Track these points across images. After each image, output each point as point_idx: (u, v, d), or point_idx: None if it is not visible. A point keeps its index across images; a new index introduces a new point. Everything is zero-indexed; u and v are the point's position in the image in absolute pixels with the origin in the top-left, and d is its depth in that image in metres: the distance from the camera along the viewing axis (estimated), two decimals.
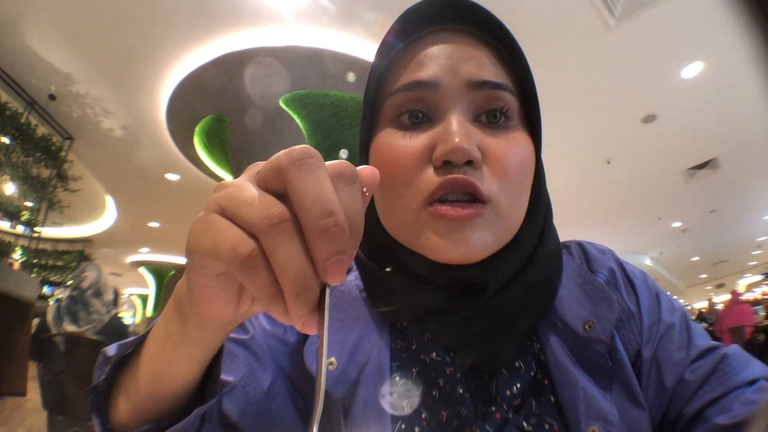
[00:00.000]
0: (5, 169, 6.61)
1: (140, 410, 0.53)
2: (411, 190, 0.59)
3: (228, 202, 0.34)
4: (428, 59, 0.60)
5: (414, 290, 0.63)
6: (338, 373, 0.65)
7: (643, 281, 0.70)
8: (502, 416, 0.60)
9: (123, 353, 0.55)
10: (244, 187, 0.35)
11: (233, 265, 0.32)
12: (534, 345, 0.65)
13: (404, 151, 0.59)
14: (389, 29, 0.64)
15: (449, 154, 0.55)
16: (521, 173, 0.59)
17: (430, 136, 0.59)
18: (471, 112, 0.59)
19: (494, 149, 0.58)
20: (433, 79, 0.59)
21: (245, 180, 0.36)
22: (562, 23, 4.81)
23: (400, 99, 0.61)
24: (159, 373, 0.51)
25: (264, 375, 0.68)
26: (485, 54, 0.61)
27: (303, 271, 0.32)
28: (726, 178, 8.45)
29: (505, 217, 0.58)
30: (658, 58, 5.32)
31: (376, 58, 0.66)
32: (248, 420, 0.64)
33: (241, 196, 0.34)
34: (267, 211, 0.32)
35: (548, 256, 0.65)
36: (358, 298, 0.72)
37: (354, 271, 0.76)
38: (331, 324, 0.70)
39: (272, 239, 0.32)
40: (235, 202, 0.34)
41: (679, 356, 0.62)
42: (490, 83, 0.59)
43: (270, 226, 0.32)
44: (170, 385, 0.52)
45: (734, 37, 0.39)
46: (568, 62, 5.38)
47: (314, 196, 0.32)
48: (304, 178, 0.32)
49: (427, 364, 0.66)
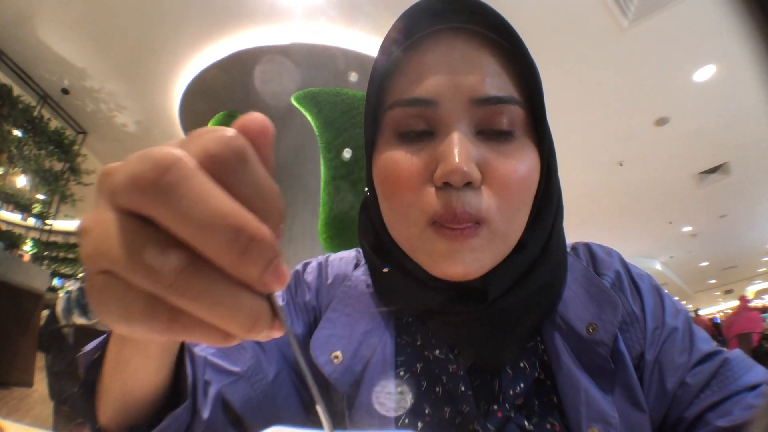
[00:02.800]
0: (17, 161, 6.67)
1: (121, 412, 0.52)
2: (414, 209, 0.58)
3: (107, 263, 0.24)
4: (429, 71, 0.58)
5: (414, 290, 0.64)
6: (343, 367, 0.66)
7: (649, 284, 0.70)
8: (504, 415, 0.61)
9: (90, 359, 0.53)
10: (108, 235, 0.24)
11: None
12: (538, 346, 0.65)
13: (407, 169, 0.59)
14: (391, 28, 0.62)
15: (448, 176, 0.54)
16: (522, 190, 0.58)
17: (430, 154, 0.58)
18: (473, 127, 0.58)
19: (495, 168, 0.56)
20: (434, 97, 0.57)
21: (103, 215, 0.25)
22: (575, 24, 4.79)
23: (400, 114, 0.60)
24: (126, 379, 0.49)
25: (270, 366, 0.69)
26: (489, 60, 0.58)
27: (243, 310, 0.25)
28: (737, 183, 8.39)
29: (502, 235, 0.58)
30: (671, 61, 5.29)
31: (377, 58, 0.64)
32: (252, 410, 0.65)
33: (115, 255, 0.24)
34: (161, 268, 0.23)
35: (554, 261, 0.65)
36: (365, 293, 0.73)
37: (362, 265, 0.77)
38: (338, 318, 0.71)
39: (185, 295, 0.24)
40: (113, 264, 0.24)
41: (681, 360, 0.62)
42: (492, 99, 0.56)
43: (170, 286, 0.24)
44: (139, 391, 0.51)
45: (747, 40, 0.38)
46: (581, 63, 5.36)
47: (204, 221, 0.23)
48: (177, 203, 0.23)
49: (431, 361, 0.67)
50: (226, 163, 0.25)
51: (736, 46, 4.52)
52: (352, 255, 0.83)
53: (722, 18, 4.40)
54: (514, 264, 0.61)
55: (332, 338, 0.69)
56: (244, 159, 0.25)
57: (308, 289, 0.79)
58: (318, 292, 0.79)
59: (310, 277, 0.80)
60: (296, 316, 0.77)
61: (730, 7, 0.32)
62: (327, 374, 0.66)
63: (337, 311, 0.72)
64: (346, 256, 0.83)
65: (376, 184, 0.64)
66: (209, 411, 0.60)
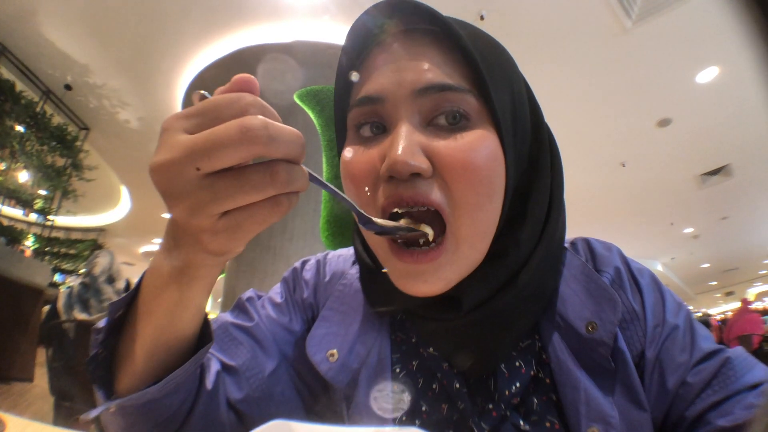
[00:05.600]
0: (19, 157, 6.67)
1: (141, 375, 0.54)
2: (370, 207, 0.58)
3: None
4: (375, 71, 0.60)
5: (394, 291, 0.62)
6: (339, 364, 0.67)
7: (649, 280, 0.69)
8: (499, 414, 0.61)
9: (114, 316, 0.55)
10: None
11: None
12: (535, 344, 0.65)
13: (359, 167, 0.59)
14: (343, 45, 0.63)
15: (390, 168, 0.53)
16: (480, 179, 0.55)
17: (381, 149, 0.58)
18: (422, 118, 0.57)
19: (444, 154, 0.55)
20: (379, 93, 0.58)
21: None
22: (579, 25, 4.79)
23: (356, 114, 0.61)
24: (164, 327, 0.52)
25: (266, 361, 0.70)
26: (433, 54, 0.58)
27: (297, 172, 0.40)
28: (738, 185, 8.38)
29: (468, 240, 0.57)
30: (674, 62, 5.29)
31: (337, 71, 0.65)
32: (248, 404, 0.66)
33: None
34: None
35: (544, 266, 0.63)
36: (360, 291, 0.73)
37: (357, 265, 0.77)
38: (334, 316, 0.72)
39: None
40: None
41: (682, 359, 0.62)
42: (435, 86, 0.56)
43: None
44: (175, 336, 0.54)
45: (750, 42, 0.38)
46: (584, 63, 5.35)
47: (290, 141, 0.39)
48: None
49: (426, 358, 0.67)
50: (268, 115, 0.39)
51: (739, 47, 4.48)
52: (350, 253, 0.83)
53: (725, 20, 4.37)
54: (491, 274, 0.60)
55: (328, 336, 0.70)
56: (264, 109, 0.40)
57: (306, 286, 0.80)
58: (316, 289, 0.79)
59: (309, 275, 0.81)
60: (294, 313, 0.77)
61: (733, 8, 0.32)
62: (323, 372, 0.66)
63: (333, 309, 0.73)
64: (345, 254, 0.83)
65: (343, 185, 0.64)
66: (212, 383, 0.62)
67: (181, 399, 0.58)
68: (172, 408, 0.57)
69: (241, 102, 0.39)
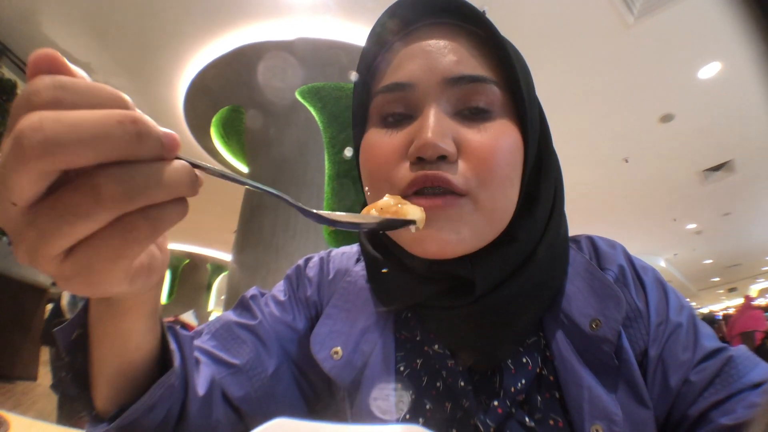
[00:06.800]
0: None
1: (110, 398, 0.53)
2: (388, 184, 0.59)
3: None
4: (406, 59, 0.61)
5: (405, 282, 0.64)
6: (343, 362, 0.67)
7: (653, 278, 0.69)
8: (504, 411, 0.61)
9: (65, 342, 0.53)
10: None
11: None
12: (540, 341, 0.65)
13: (384, 149, 0.60)
14: (369, 34, 0.65)
15: (420, 149, 0.55)
16: (502, 165, 0.57)
17: (408, 133, 0.59)
18: (451, 106, 0.59)
19: (471, 142, 0.57)
20: (410, 80, 0.59)
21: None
22: (581, 21, 4.77)
23: (382, 101, 0.62)
24: (114, 355, 0.51)
25: (269, 360, 0.70)
26: (464, 45, 0.60)
27: (178, 174, 0.33)
28: (741, 181, 8.36)
29: (487, 211, 0.57)
30: (676, 58, 5.26)
31: (361, 57, 0.67)
32: (251, 403, 0.66)
33: None
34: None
35: (550, 257, 0.64)
36: (364, 289, 0.73)
37: (362, 261, 0.77)
38: (338, 314, 0.72)
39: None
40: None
41: (685, 357, 0.62)
42: (466, 78, 0.58)
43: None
44: (129, 363, 0.52)
45: (752, 38, 0.38)
46: (586, 60, 5.33)
47: (96, 132, 0.29)
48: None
49: (431, 356, 0.67)
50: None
51: (741, 43, 4.46)
52: (354, 250, 0.83)
53: (727, 15, 4.36)
54: (504, 255, 0.61)
55: (332, 334, 0.70)
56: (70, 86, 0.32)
57: (310, 284, 0.80)
58: (319, 287, 0.79)
59: (312, 272, 0.81)
60: (298, 311, 0.77)
61: (735, 4, 0.32)
62: (327, 370, 0.67)
63: (337, 307, 0.73)
64: (348, 251, 0.83)
65: (361, 169, 0.66)
66: (205, 389, 0.61)
67: (162, 415, 0.56)
68: (156, 421, 0.55)
69: (19, 101, 0.30)
